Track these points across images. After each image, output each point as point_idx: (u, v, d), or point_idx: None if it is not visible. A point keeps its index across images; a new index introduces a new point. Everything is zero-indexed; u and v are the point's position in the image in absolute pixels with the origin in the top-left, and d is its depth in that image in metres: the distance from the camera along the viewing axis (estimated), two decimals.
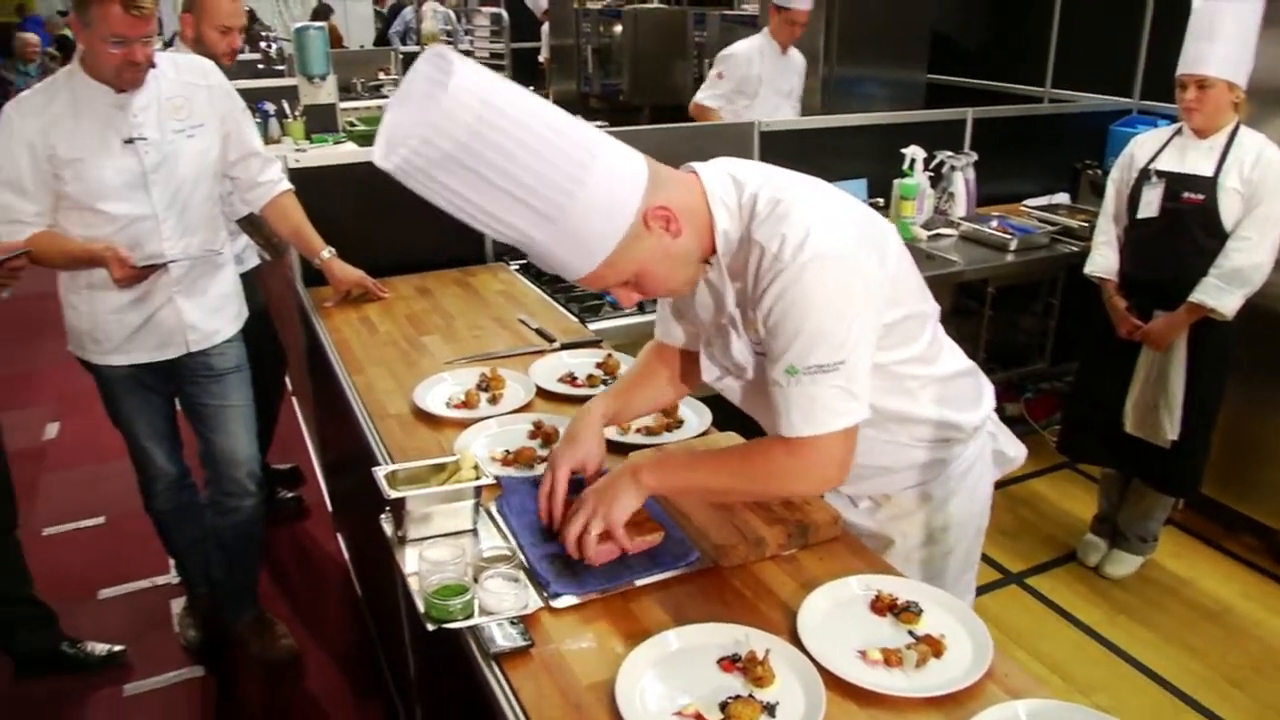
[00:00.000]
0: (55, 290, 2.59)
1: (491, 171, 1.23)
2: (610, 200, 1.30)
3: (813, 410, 1.38)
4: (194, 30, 3.17)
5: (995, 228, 3.91)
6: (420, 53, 4.55)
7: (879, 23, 5.14)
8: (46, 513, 3.89)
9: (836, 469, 1.44)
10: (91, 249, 2.35)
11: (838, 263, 1.35)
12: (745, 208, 1.41)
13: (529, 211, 1.26)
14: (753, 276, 1.39)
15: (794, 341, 1.36)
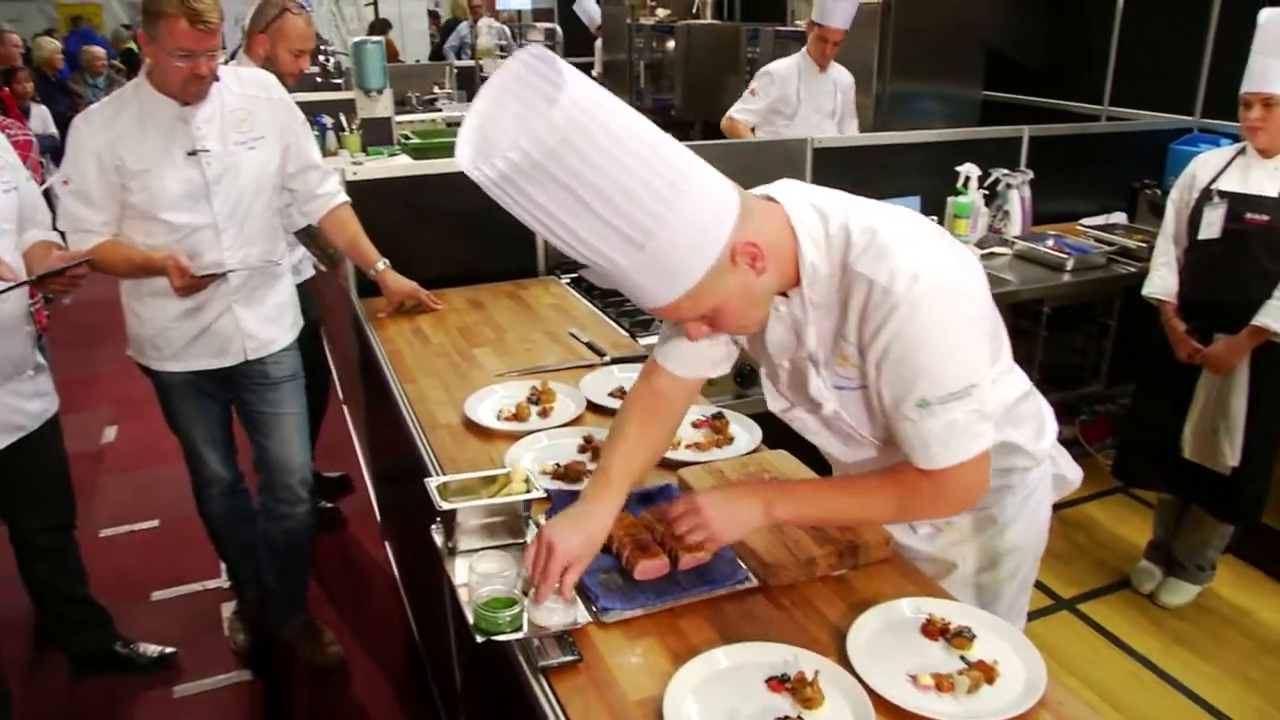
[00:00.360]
0: (114, 296, 2.65)
1: (585, 190, 1.18)
2: (700, 230, 1.26)
3: (951, 438, 1.38)
4: (267, 50, 3.25)
5: (1051, 247, 3.85)
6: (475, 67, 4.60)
7: (934, 39, 5.10)
8: (103, 514, 3.97)
9: (978, 491, 1.45)
10: (153, 258, 2.41)
11: (954, 292, 1.34)
12: (835, 239, 1.38)
13: (616, 235, 1.22)
14: (859, 310, 1.37)
15: (922, 375, 1.35)
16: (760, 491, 1.50)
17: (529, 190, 1.19)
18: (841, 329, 1.42)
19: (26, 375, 2.48)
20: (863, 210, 1.41)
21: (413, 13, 14.31)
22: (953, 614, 1.47)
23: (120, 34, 13.58)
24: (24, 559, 2.77)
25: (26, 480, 2.59)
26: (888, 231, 1.36)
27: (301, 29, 3.28)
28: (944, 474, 1.41)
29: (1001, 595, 1.76)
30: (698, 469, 1.86)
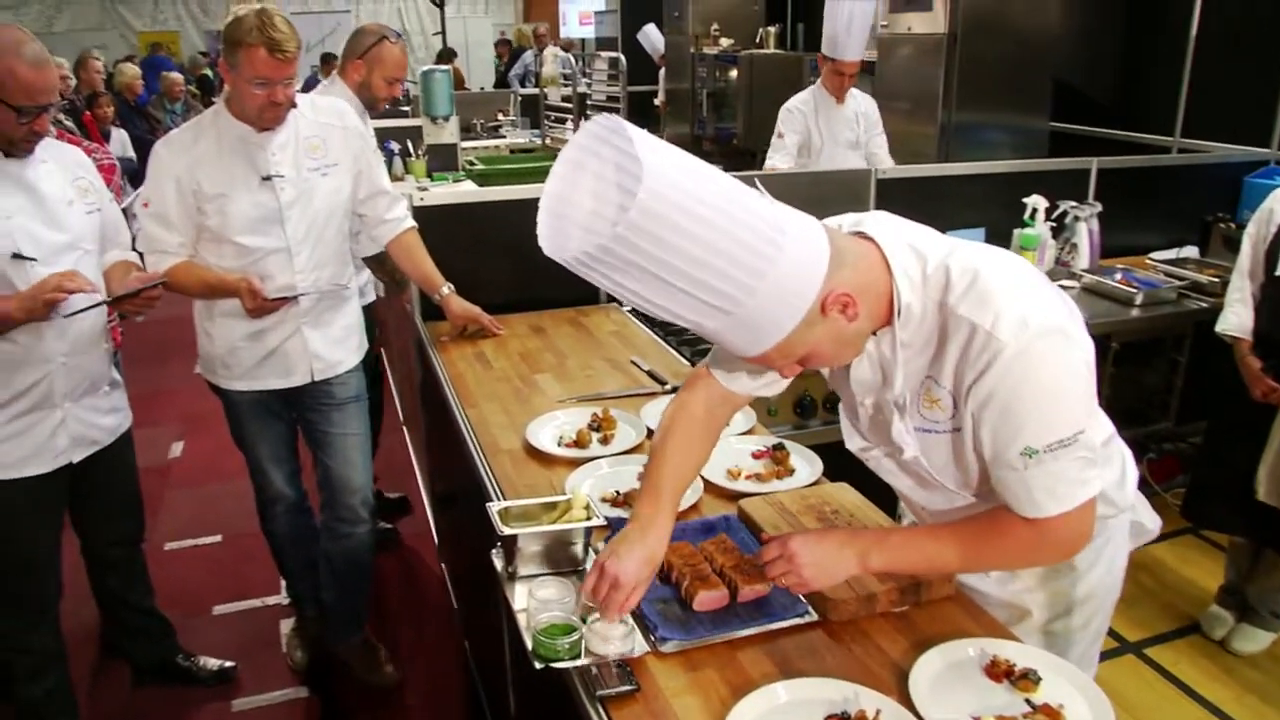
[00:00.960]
0: (185, 314, 2.72)
1: (670, 273, 1.16)
2: (790, 290, 1.23)
3: (1058, 487, 1.35)
4: (362, 76, 3.35)
5: (1119, 281, 3.78)
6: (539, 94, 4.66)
7: (1000, 69, 5.05)
8: (168, 528, 4.06)
9: (1084, 539, 1.42)
10: (227, 279, 2.48)
11: (1061, 336, 1.30)
12: (933, 278, 1.35)
13: (704, 306, 1.20)
14: (957, 354, 1.34)
15: (1028, 424, 1.32)
16: (855, 542, 1.47)
17: (611, 275, 1.18)
18: (934, 371, 1.39)
19: (103, 391, 2.55)
20: (965, 250, 1.37)
21: (479, 41, 14.60)
22: (1018, 655, 1.44)
23: (196, 60, 14.01)
24: (94, 570, 2.84)
25: (100, 494, 2.65)
26: (990, 274, 1.32)
27: (397, 57, 3.38)
28: (1049, 523, 1.37)
29: (1074, 644, 1.71)
30: (758, 500, 1.85)
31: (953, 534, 1.47)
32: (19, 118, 2.17)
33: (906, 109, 5.20)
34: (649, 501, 1.53)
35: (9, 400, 2.33)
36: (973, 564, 1.51)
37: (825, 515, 1.80)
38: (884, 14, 5.32)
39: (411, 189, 4.49)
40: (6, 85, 2.13)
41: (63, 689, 2.66)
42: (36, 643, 2.56)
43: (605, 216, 1.13)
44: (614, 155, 1.15)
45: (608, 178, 1.15)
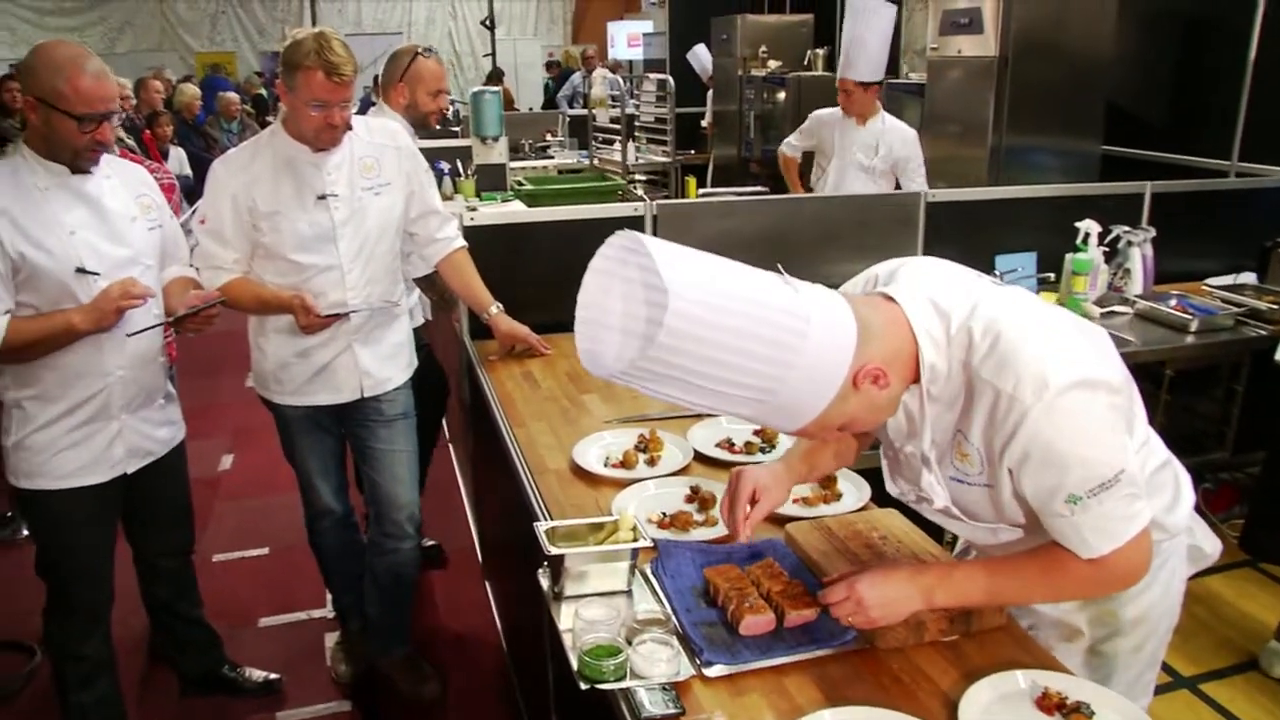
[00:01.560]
0: (237, 329, 2.77)
1: (705, 380, 1.23)
2: (820, 374, 1.28)
3: (1107, 527, 1.37)
4: (407, 97, 3.40)
5: (1174, 307, 3.71)
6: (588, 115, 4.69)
7: (1052, 92, 5.01)
8: (217, 540, 4.12)
9: (1144, 566, 1.45)
10: (281, 296, 2.52)
11: (1082, 388, 1.32)
12: (956, 339, 1.38)
13: (736, 400, 1.28)
14: (984, 417, 1.37)
15: (1067, 476, 1.34)
16: (919, 579, 1.49)
17: (646, 385, 1.25)
18: (963, 426, 1.41)
19: (158, 403, 2.60)
20: (986, 306, 1.39)
21: (528, 62, 14.77)
22: (1070, 688, 1.42)
23: (251, 80, 14.30)
24: (145, 580, 2.89)
25: (152, 505, 2.70)
26: (1011, 332, 1.35)
27: (433, 69, 3.44)
28: (1106, 559, 1.40)
29: (1124, 667, 1.69)
30: (805, 524, 1.83)
31: (1015, 570, 1.50)
32: (80, 126, 2.23)
33: (956, 132, 5.17)
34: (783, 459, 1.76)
35: (68, 411, 2.39)
36: (1035, 598, 1.55)
37: (873, 541, 1.78)
38: (934, 37, 5.30)
39: (461, 208, 4.55)
40: (67, 95, 2.19)
41: (112, 696, 2.71)
42: (88, 650, 2.61)
43: (635, 338, 1.22)
44: (639, 274, 1.22)
45: (634, 298, 1.23)
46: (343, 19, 17.02)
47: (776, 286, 1.27)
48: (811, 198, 3.94)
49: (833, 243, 3.53)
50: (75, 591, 2.56)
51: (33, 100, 2.22)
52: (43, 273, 2.26)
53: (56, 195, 2.30)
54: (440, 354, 3.69)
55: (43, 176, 2.30)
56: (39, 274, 2.26)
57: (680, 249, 1.25)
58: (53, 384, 2.37)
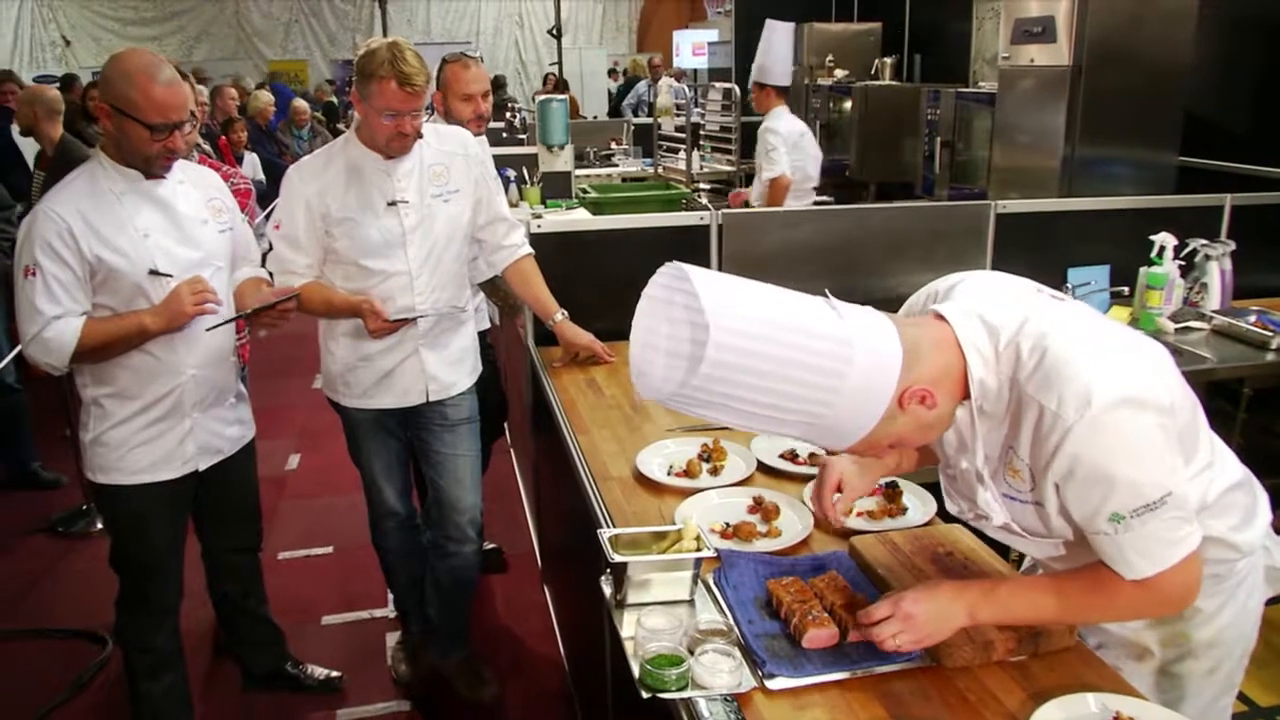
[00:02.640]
0: (306, 332, 2.82)
1: (751, 406, 1.27)
2: (865, 398, 1.30)
3: (1152, 550, 1.36)
4: (444, 105, 3.42)
5: (1254, 323, 3.60)
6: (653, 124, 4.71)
7: (1127, 101, 4.89)
8: (282, 538, 4.20)
9: (1193, 590, 1.43)
10: (352, 300, 2.56)
11: (1129, 406, 1.30)
12: (1004, 356, 1.38)
13: (784, 424, 1.31)
14: (1030, 433, 1.36)
15: (1111, 494, 1.32)
16: (964, 595, 1.47)
17: (694, 410, 1.30)
18: (1012, 443, 1.41)
19: (229, 402, 2.66)
20: (1036, 322, 1.38)
21: (593, 71, 14.87)
22: (1141, 712, 1.38)
23: (322, 87, 14.61)
24: (213, 576, 2.95)
25: (221, 502, 2.76)
26: (1058, 348, 1.34)
27: (460, 74, 3.34)
28: (1152, 580, 1.37)
29: (1197, 691, 1.65)
30: (870, 538, 1.81)
31: (1059, 587, 1.48)
32: (152, 135, 2.29)
33: (1027, 142, 5.08)
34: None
35: (144, 408, 2.46)
36: (1079, 617, 1.51)
37: (939, 556, 1.75)
38: (1005, 45, 5.22)
39: (526, 216, 4.59)
40: (140, 104, 2.25)
41: (180, 688, 2.77)
42: (158, 642, 2.67)
43: (681, 363, 1.25)
44: (683, 306, 1.27)
45: (680, 327, 1.27)
46: (412, 28, 17.30)
47: (821, 314, 1.30)
48: (880, 208, 3.90)
49: (901, 254, 3.48)
50: (147, 585, 2.62)
51: (107, 107, 2.29)
52: (118, 275, 2.33)
53: (131, 199, 2.37)
54: (504, 358, 3.72)
55: (118, 181, 2.36)
56: (114, 276, 2.33)
57: (725, 279, 1.29)
58: (129, 382, 2.44)
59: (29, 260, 2.27)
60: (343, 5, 17.80)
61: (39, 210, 2.30)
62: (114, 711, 3.04)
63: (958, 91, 5.90)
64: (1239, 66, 5.18)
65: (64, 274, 2.28)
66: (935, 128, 6.06)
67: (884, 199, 6.67)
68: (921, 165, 6.26)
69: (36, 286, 2.27)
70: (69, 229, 2.27)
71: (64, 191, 2.34)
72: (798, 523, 1.92)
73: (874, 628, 1.47)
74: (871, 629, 1.47)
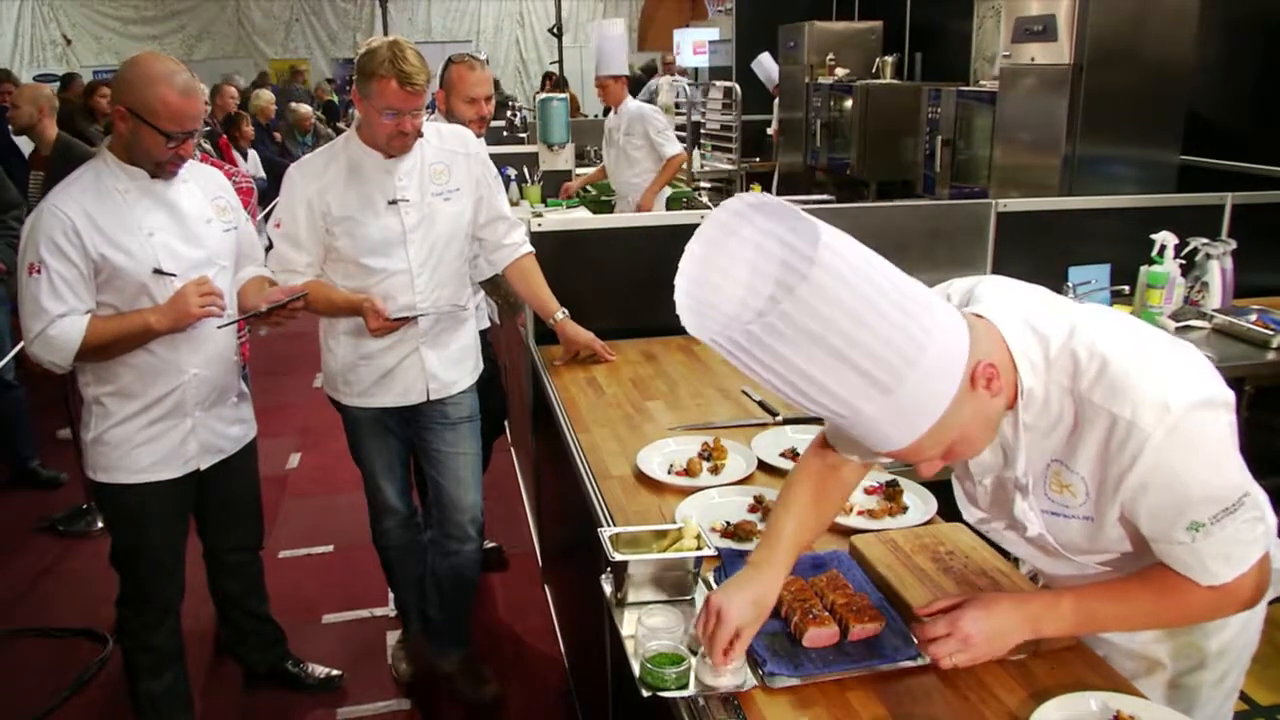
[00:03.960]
0: (306, 331, 2.82)
1: (840, 340, 1.11)
2: (946, 364, 1.20)
3: (1231, 553, 1.34)
4: (445, 105, 3.41)
5: (1254, 322, 3.60)
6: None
7: (1128, 100, 4.89)
8: (283, 537, 4.20)
9: (1263, 589, 1.41)
10: (353, 299, 2.57)
11: (1205, 407, 1.27)
12: (1057, 363, 1.33)
13: (865, 382, 1.14)
14: (1098, 446, 1.31)
15: (1192, 502, 1.30)
16: (1025, 607, 1.44)
17: (777, 348, 1.12)
18: (1064, 456, 1.37)
19: (231, 402, 2.66)
20: (1086, 329, 1.33)
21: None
22: (1142, 711, 1.38)
23: (322, 86, 14.61)
24: (214, 575, 2.95)
25: (223, 501, 2.76)
26: (1120, 355, 1.29)
27: (466, 76, 3.34)
28: (1227, 585, 1.36)
29: (1206, 700, 1.63)
30: (870, 537, 1.81)
31: (1127, 596, 1.44)
32: (167, 142, 2.30)
33: (1028, 141, 5.07)
34: (766, 546, 1.52)
35: (146, 407, 2.46)
36: (1149, 624, 1.49)
37: (940, 556, 1.75)
38: (1005, 44, 5.21)
39: (526, 214, 4.59)
40: (158, 112, 2.26)
41: (180, 686, 2.77)
42: (159, 641, 2.67)
43: (766, 290, 1.11)
44: (770, 230, 1.13)
45: (767, 252, 1.13)
46: (413, 27, 17.28)
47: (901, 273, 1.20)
48: (880, 206, 3.90)
49: (901, 253, 3.41)
50: (147, 583, 2.62)
51: (123, 110, 2.29)
52: (122, 273, 2.33)
53: (136, 199, 2.37)
54: (504, 357, 3.72)
55: (123, 180, 2.37)
56: (118, 275, 2.33)
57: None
58: (131, 381, 2.44)
59: (34, 258, 2.27)
60: (344, 4, 17.78)
61: (43, 208, 2.30)
62: (114, 710, 3.04)
63: (959, 90, 5.89)
64: (1240, 65, 5.18)
65: (69, 272, 2.28)
66: (936, 126, 6.05)
67: (884, 198, 6.67)
68: (922, 164, 6.26)
69: (41, 284, 2.27)
70: (74, 227, 2.27)
71: (69, 189, 2.34)
72: None
73: (931, 645, 1.44)
74: (928, 645, 1.45)
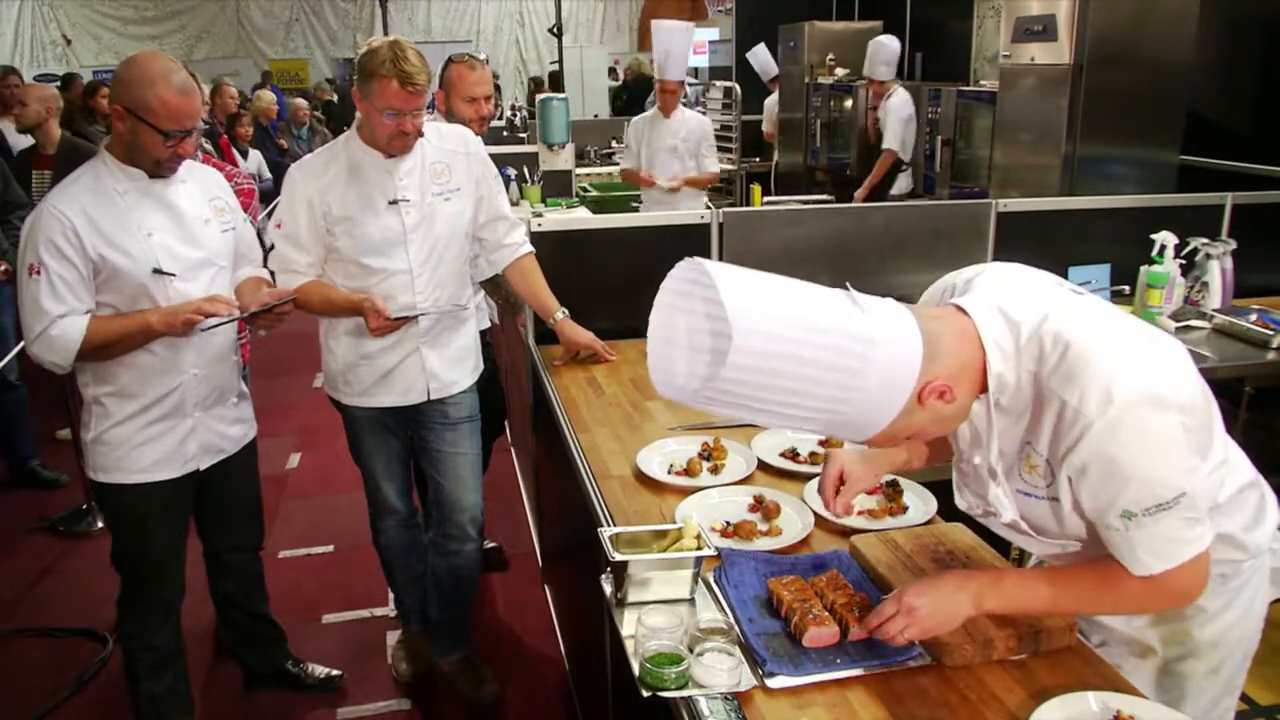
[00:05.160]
0: (306, 331, 2.82)
1: (771, 405, 1.26)
2: (885, 393, 1.30)
3: (1161, 548, 1.37)
4: (445, 105, 3.41)
5: (1255, 322, 3.60)
6: None
7: (1128, 100, 4.89)
8: (283, 537, 4.20)
9: (1198, 589, 1.44)
10: (353, 299, 2.57)
11: (1149, 405, 1.30)
12: (1026, 350, 1.37)
13: (805, 419, 1.31)
14: (1050, 427, 1.36)
15: (1124, 491, 1.32)
16: (969, 584, 1.48)
17: (715, 410, 1.29)
18: (1031, 438, 1.41)
19: (230, 402, 2.66)
20: (1059, 317, 1.38)
21: (593, 70, 14.83)
22: (1142, 711, 1.38)
23: (323, 86, 14.61)
24: (214, 575, 2.95)
25: (223, 501, 2.76)
26: (1082, 343, 1.33)
27: (466, 76, 3.34)
28: (1158, 579, 1.38)
29: (1198, 690, 1.64)
30: (870, 537, 1.81)
31: (1067, 580, 1.48)
32: (165, 141, 2.30)
33: (1028, 140, 5.08)
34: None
35: (145, 407, 2.46)
36: (1084, 609, 1.52)
37: (940, 555, 1.75)
38: (1005, 44, 5.21)
39: (526, 214, 4.58)
40: (156, 110, 2.26)
41: (181, 686, 2.77)
42: (160, 641, 2.67)
43: (703, 361, 1.26)
44: (703, 304, 1.26)
45: (700, 327, 1.27)
46: (413, 27, 17.27)
47: (843, 309, 1.28)
48: (880, 206, 3.90)
49: (901, 253, 3.48)
50: (148, 583, 2.62)
51: (121, 110, 2.29)
52: (121, 274, 2.33)
53: (135, 199, 2.37)
54: (505, 357, 3.71)
55: (122, 180, 2.37)
56: (118, 275, 2.33)
57: (745, 274, 1.27)
58: (131, 381, 2.44)
59: (33, 258, 2.27)
60: (344, 4, 17.78)
61: (43, 208, 2.30)
62: (115, 710, 3.03)
63: (959, 90, 5.89)
64: (1240, 65, 5.18)
65: (68, 272, 2.28)
66: (936, 126, 6.06)
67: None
68: (922, 163, 6.26)
69: (41, 285, 2.27)
70: (73, 227, 2.27)
71: (68, 190, 2.34)
72: (798, 521, 1.92)
73: (881, 627, 1.47)
74: (879, 629, 1.47)
